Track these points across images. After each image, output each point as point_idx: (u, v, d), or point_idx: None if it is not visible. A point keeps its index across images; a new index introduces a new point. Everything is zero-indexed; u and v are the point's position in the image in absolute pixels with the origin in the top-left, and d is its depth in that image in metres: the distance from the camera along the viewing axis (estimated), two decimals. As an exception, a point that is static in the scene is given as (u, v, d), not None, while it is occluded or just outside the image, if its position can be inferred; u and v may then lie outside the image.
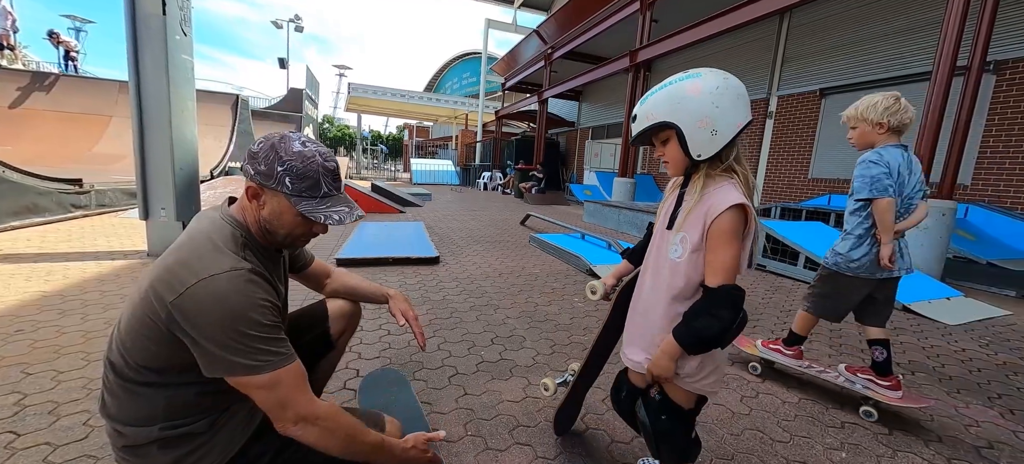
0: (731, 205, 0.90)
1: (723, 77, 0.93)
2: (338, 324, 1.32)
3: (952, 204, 4.16)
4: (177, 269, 0.80)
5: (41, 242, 3.84)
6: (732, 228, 0.91)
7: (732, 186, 0.93)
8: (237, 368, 0.80)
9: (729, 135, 0.92)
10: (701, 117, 0.91)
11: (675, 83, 0.95)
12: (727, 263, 0.91)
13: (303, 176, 0.88)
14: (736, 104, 0.92)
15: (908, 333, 2.82)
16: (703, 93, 0.91)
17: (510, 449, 1.42)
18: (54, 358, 1.82)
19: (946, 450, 1.57)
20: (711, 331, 0.91)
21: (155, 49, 3.42)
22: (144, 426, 0.84)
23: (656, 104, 0.96)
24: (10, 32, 10.75)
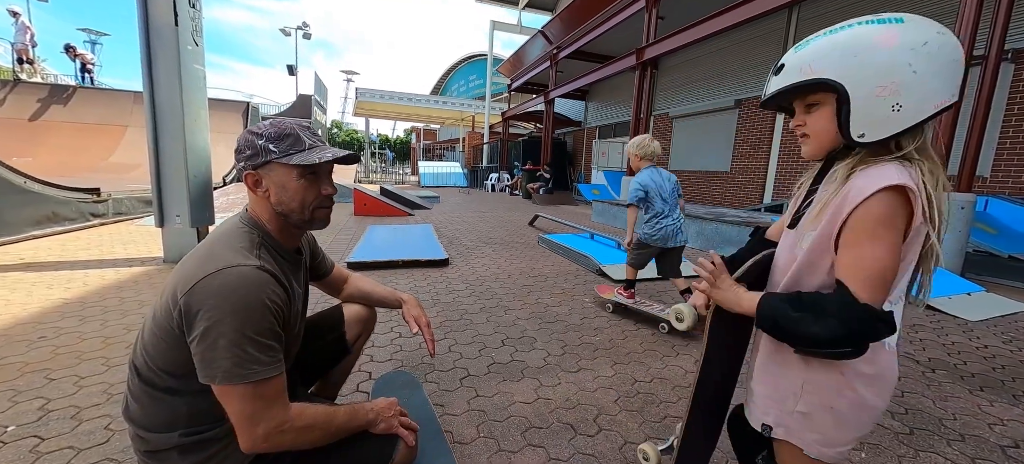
0: (884, 186, 0.63)
1: (936, 31, 0.63)
2: (354, 329, 1.34)
3: (971, 197, 4.06)
4: (192, 267, 0.82)
5: (61, 250, 3.94)
6: (881, 216, 0.64)
7: (895, 166, 0.65)
8: (218, 374, 0.78)
9: (919, 116, 0.64)
10: (886, 80, 0.63)
11: (861, 25, 0.66)
12: (867, 264, 0.64)
13: (281, 135, 0.90)
14: (946, 71, 0.63)
15: (928, 329, 2.75)
16: (898, 47, 0.62)
17: (523, 450, 1.42)
18: (76, 364, 1.87)
19: (969, 449, 1.53)
20: (798, 327, 0.66)
21: (168, 60, 3.49)
22: (165, 432, 0.85)
23: (821, 52, 0.67)
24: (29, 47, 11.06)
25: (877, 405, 0.72)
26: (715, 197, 10.36)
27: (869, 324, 0.63)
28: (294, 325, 0.97)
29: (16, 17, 10.89)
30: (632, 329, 2.56)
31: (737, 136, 9.74)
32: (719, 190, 10.28)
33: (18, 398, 1.59)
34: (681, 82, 11.43)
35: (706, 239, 5.44)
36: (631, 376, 1.96)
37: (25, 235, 4.21)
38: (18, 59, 10.92)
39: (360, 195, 7.70)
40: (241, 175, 0.92)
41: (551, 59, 13.05)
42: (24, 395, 1.61)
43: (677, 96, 11.62)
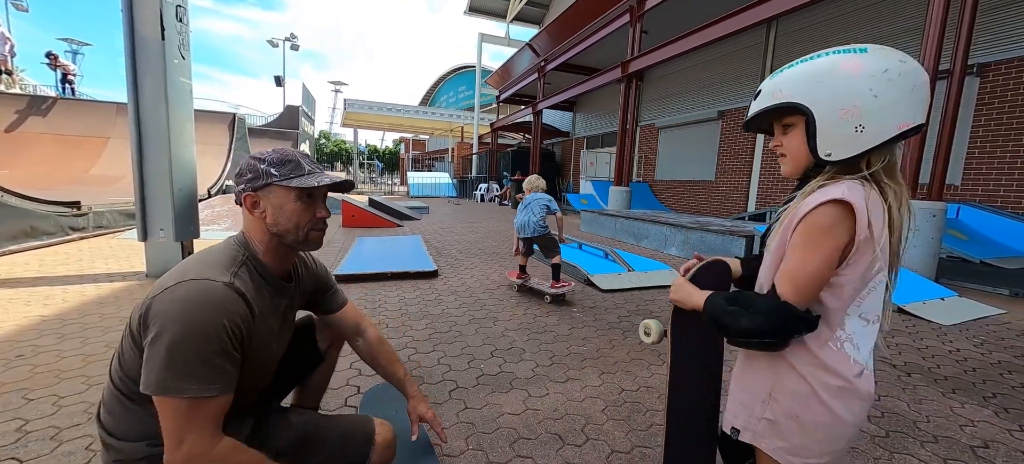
0: (828, 200, 0.68)
1: (899, 59, 0.68)
2: (326, 337, 1.32)
3: (942, 205, 4.22)
4: (167, 278, 0.85)
5: (40, 266, 3.84)
6: (819, 226, 0.69)
7: (848, 184, 0.70)
8: (158, 385, 0.77)
9: (881, 137, 0.68)
10: (847, 105, 0.68)
11: (829, 55, 0.72)
12: (796, 272, 0.70)
13: (284, 161, 0.95)
14: (907, 97, 0.67)
15: (903, 334, 2.85)
16: (863, 73, 0.67)
17: (511, 462, 1.43)
18: (55, 383, 1.83)
19: (942, 450, 1.59)
20: (730, 320, 0.73)
21: (154, 73, 3.47)
22: (134, 441, 0.86)
23: (791, 80, 0.73)
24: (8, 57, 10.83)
25: (847, 419, 0.73)
26: (700, 206, 10.55)
27: (785, 320, 0.69)
28: (262, 353, 0.95)
29: (-6, 27, 10.67)
30: (619, 338, 2.59)
31: (721, 146, 9.98)
32: (704, 199, 10.48)
33: (-6, 420, 1.55)
34: (666, 94, 11.70)
35: (691, 247, 5.53)
36: (618, 385, 1.99)
37: (0, 250, 4.09)
38: (-4, 70, 10.68)
39: (349, 206, 7.66)
40: (239, 198, 0.95)
41: (539, 71, 13.24)
42: (1, 416, 1.57)
43: (662, 107, 11.87)
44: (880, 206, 0.70)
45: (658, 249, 6.14)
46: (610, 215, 7.63)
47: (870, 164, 0.71)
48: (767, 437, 0.79)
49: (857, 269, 0.69)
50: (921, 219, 4.17)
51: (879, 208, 0.69)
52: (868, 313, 0.73)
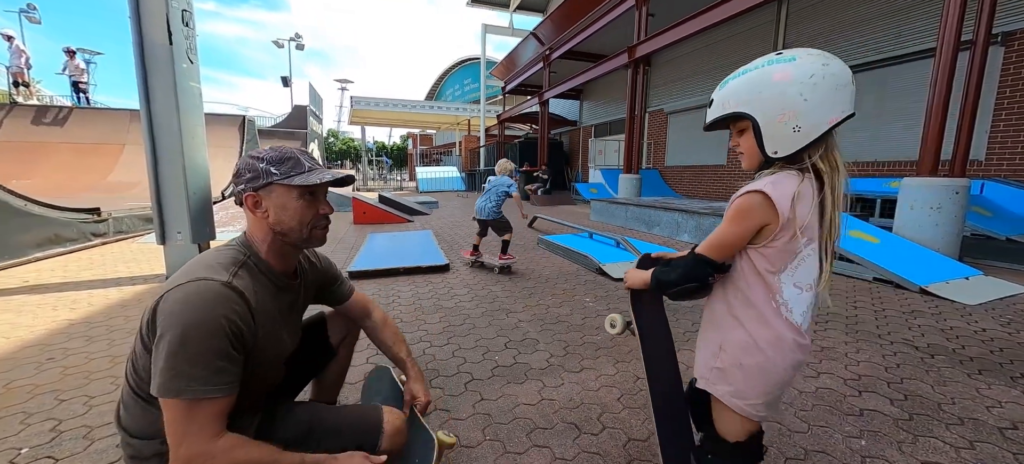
0: (754, 190, 0.83)
1: (822, 63, 0.79)
2: (338, 331, 1.33)
3: (965, 181, 4.08)
4: (172, 280, 0.86)
5: (65, 271, 3.96)
6: (740, 207, 0.85)
7: (787, 178, 0.83)
8: (161, 387, 0.78)
9: (815, 133, 0.80)
10: (784, 110, 0.80)
11: (762, 67, 0.84)
12: (715, 238, 0.88)
13: (283, 159, 0.95)
14: (832, 96, 0.79)
15: (926, 316, 2.78)
16: (792, 80, 0.79)
17: (528, 451, 1.44)
18: (85, 383, 1.89)
19: (968, 432, 1.55)
20: (667, 277, 0.94)
21: (164, 78, 3.51)
22: (149, 438, 0.88)
23: (735, 90, 0.87)
24: (24, 69, 11.09)
25: (778, 364, 0.87)
26: (712, 191, 10.40)
27: (697, 267, 0.90)
28: (268, 350, 0.95)
29: (10, 41, 10.92)
30: (633, 327, 2.58)
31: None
32: (716, 184, 10.32)
33: (30, 420, 1.61)
34: (674, 78, 11.49)
35: (704, 233, 5.46)
36: (633, 373, 1.99)
37: (28, 258, 4.23)
38: (14, 82, 10.94)
39: (359, 204, 7.73)
40: (240, 198, 0.95)
41: (544, 60, 13.10)
42: (35, 417, 1.64)
43: (671, 92, 11.67)
44: (812, 192, 0.83)
45: (670, 236, 6.08)
46: (620, 203, 7.57)
47: (805, 156, 0.83)
48: (718, 383, 0.93)
49: (781, 242, 0.84)
50: (943, 197, 4.04)
51: (810, 193, 0.83)
52: (801, 282, 0.86)
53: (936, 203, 4.07)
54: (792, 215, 0.81)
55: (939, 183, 4.08)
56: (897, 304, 3.02)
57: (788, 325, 0.85)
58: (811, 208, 0.83)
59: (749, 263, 0.88)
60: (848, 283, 3.59)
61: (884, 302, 3.07)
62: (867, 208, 6.16)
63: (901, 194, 4.38)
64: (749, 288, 0.88)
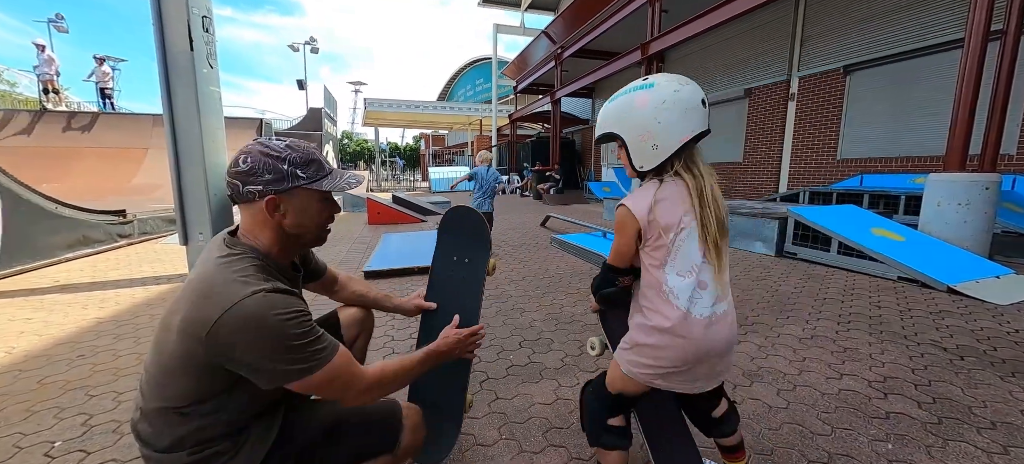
0: (619, 204, 1.01)
1: (674, 89, 0.94)
2: (351, 330, 1.36)
3: (995, 176, 3.93)
4: (202, 306, 0.80)
5: (93, 271, 4.11)
6: (616, 222, 1.03)
7: (647, 189, 0.99)
8: (293, 375, 0.83)
9: (671, 149, 0.95)
10: (643, 131, 0.96)
11: (628, 93, 0.99)
12: (612, 248, 1.06)
13: (307, 162, 0.91)
14: (683, 117, 0.94)
15: (954, 316, 2.69)
16: (648, 106, 0.95)
17: (545, 451, 1.44)
18: (113, 380, 1.96)
19: (1002, 437, 1.49)
20: (593, 286, 1.14)
21: (185, 84, 3.61)
22: (174, 452, 0.87)
23: (608, 113, 1.03)
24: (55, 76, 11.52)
25: (660, 344, 0.98)
26: (728, 189, 10.22)
27: (604, 273, 1.09)
28: None
29: (42, 49, 11.36)
30: (648, 326, 2.56)
31: (748, 125, 9.60)
32: (732, 181, 10.13)
33: (62, 415, 1.68)
34: (688, 74, 11.11)
35: (720, 232, 5.37)
36: (649, 374, 1.96)
37: (59, 258, 4.40)
38: (44, 89, 11.39)
39: (374, 204, 7.82)
40: (252, 196, 0.88)
41: (556, 59, 13.06)
42: (67, 411, 1.70)
43: (685, 89, 11.50)
44: (674, 192, 0.97)
45: (684, 235, 5.99)
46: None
47: (673, 166, 0.99)
48: (622, 349, 1.08)
49: (652, 241, 0.97)
50: (972, 192, 3.89)
51: (671, 194, 0.97)
52: (681, 269, 0.96)
53: (965, 199, 3.93)
54: (653, 218, 0.96)
55: (968, 178, 3.94)
56: (924, 304, 2.92)
57: (674, 309, 0.96)
58: (673, 207, 0.96)
59: (643, 262, 1.02)
60: (871, 282, 3.49)
61: (910, 302, 2.97)
62: (890, 205, 5.98)
63: (927, 190, 4.23)
64: (647, 282, 1.02)
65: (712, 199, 0.97)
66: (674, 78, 0.96)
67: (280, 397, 1.00)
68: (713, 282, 0.97)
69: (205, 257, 0.91)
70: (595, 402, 1.14)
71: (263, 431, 0.94)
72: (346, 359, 0.91)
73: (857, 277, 3.67)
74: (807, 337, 2.39)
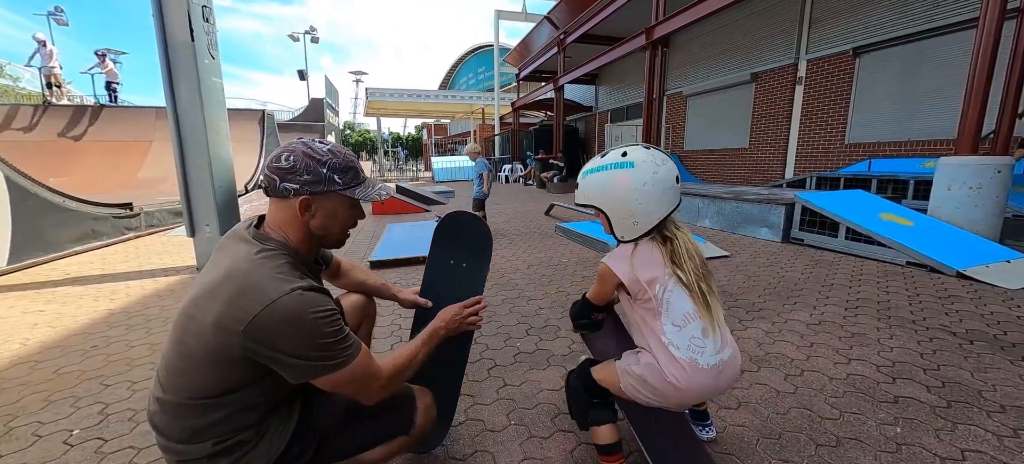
0: (603, 261, 1.11)
1: (652, 170, 1.03)
2: (354, 317, 1.37)
3: (1008, 160, 3.86)
4: (240, 301, 0.81)
5: (103, 264, 4.15)
6: (599, 274, 1.14)
7: (625, 249, 1.08)
8: (323, 370, 0.86)
9: (650, 225, 1.05)
10: (625, 210, 1.06)
11: (609, 169, 1.08)
12: (592, 290, 1.20)
13: (346, 169, 0.93)
14: (661, 199, 1.04)
15: (964, 300, 2.67)
16: (630, 188, 1.04)
17: (553, 436, 1.45)
18: (127, 370, 1.99)
19: (1012, 420, 1.49)
20: (570, 314, 1.31)
21: (188, 75, 3.60)
22: (197, 443, 0.87)
23: (591, 185, 1.12)
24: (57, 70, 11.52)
25: (668, 393, 1.01)
26: (733, 176, 10.13)
27: (582, 308, 1.26)
28: None
29: (43, 45, 11.33)
30: (655, 313, 2.56)
31: (755, 111, 9.47)
32: (737, 168, 10.04)
33: (79, 404, 1.71)
34: (694, 59, 11.15)
35: (726, 219, 5.34)
36: (656, 360, 1.97)
37: (68, 252, 4.45)
38: (47, 84, 11.39)
39: (377, 194, 7.83)
40: (288, 193, 0.90)
41: (558, 45, 12.88)
42: (83, 401, 1.73)
43: (690, 74, 11.34)
44: (653, 249, 1.06)
45: (690, 222, 5.96)
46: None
47: (663, 228, 1.08)
48: (629, 361, 1.10)
49: (642, 297, 1.04)
50: (984, 176, 3.84)
51: (649, 251, 1.06)
52: (676, 319, 1.01)
53: (976, 182, 3.87)
54: (635, 275, 1.03)
55: (979, 162, 3.87)
56: (932, 289, 2.90)
57: (680, 368, 0.99)
58: (653, 261, 1.04)
59: (640, 317, 1.07)
60: (880, 268, 3.47)
61: (918, 287, 2.95)
62: (899, 190, 5.91)
63: (938, 174, 4.17)
64: (647, 330, 1.06)
65: (687, 255, 1.03)
66: (652, 158, 1.05)
67: (300, 387, 1.02)
68: (712, 329, 1.00)
69: (234, 251, 0.90)
70: (580, 386, 1.19)
71: (284, 419, 0.96)
72: (367, 357, 0.93)
73: (865, 262, 3.64)
74: (814, 322, 2.38)
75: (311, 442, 0.97)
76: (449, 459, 1.36)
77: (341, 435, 1.01)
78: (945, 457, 1.32)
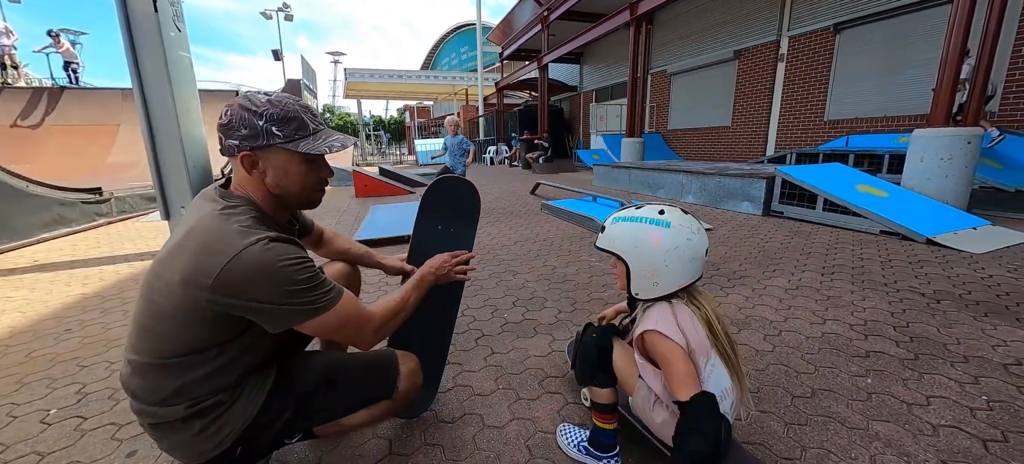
0: (647, 329, 0.99)
1: (687, 237, 0.99)
2: (337, 281, 1.34)
3: (977, 131, 4.00)
4: (206, 255, 0.79)
5: (73, 250, 4.00)
6: (657, 349, 0.98)
7: (663, 312, 1.00)
8: (304, 315, 0.85)
9: (668, 291, 1.02)
10: (649, 268, 1.01)
11: (644, 223, 1.02)
12: (679, 374, 0.93)
13: (286, 119, 0.87)
14: (687, 267, 0.99)
15: (932, 264, 2.78)
16: (660, 249, 0.99)
17: (541, 398, 1.48)
18: (105, 351, 1.93)
19: (973, 369, 1.57)
20: (702, 450, 0.84)
21: (153, 50, 3.42)
22: (171, 405, 0.86)
23: (621, 235, 1.06)
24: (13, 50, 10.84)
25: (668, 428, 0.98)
26: (717, 154, 10.25)
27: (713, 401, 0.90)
28: None
29: (-6, 21, 10.61)
30: (640, 283, 2.60)
31: (737, 88, 9.54)
32: (720, 146, 10.16)
33: (55, 385, 1.66)
34: (678, 36, 11.11)
35: (709, 194, 5.42)
36: (641, 326, 2.01)
37: (35, 238, 4.26)
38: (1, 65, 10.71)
39: (360, 176, 7.68)
40: (231, 151, 0.87)
41: (542, 22, 12.68)
42: (60, 382, 1.68)
43: (674, 51, 11.32)
44: (694, 321, 0.99)
45: (675, 197, 6.04)
46: (623, 168, 7.49)
47: (692, 296, 1.04)
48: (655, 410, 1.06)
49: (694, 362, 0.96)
50: (954, 147, 3.97)
51: (692, 322, 0.99)
52: (716, 392, 0.93)
53: (947, 154, 4.00)
54: (688, 342, 0.97)
55: (951, 133, 4.00)
56: (903, 255, 3.02)
57: None
58: (698, 332, 0.98)
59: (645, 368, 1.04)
60: (855, 237, 3.58)
61: (891, 253, 3.07)
62: (875, 164, 6.08)
63: (911, 146, 4.30)
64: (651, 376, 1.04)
65: (722, 332, 1.00)
66: (688, 224, 1.01)
67: (276, 347, 1.00)
68: (742, 404, 1.03)
69: (199, 210, 0.89)
70: (594, 350, 1.13)
71: (259, 382, 0.95)
72: (353, 301, 0.92)
73: (841, 232, 3.76)
74: (792, 288, 2.46)
75: (288, 404, 0.96)
76: (438, 422, 1.37)
77: (321, 398, 1.00)
78: (912, 403, 1.39)
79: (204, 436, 0.89)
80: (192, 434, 0.88)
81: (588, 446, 1.17)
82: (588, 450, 1.17)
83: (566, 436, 1.25)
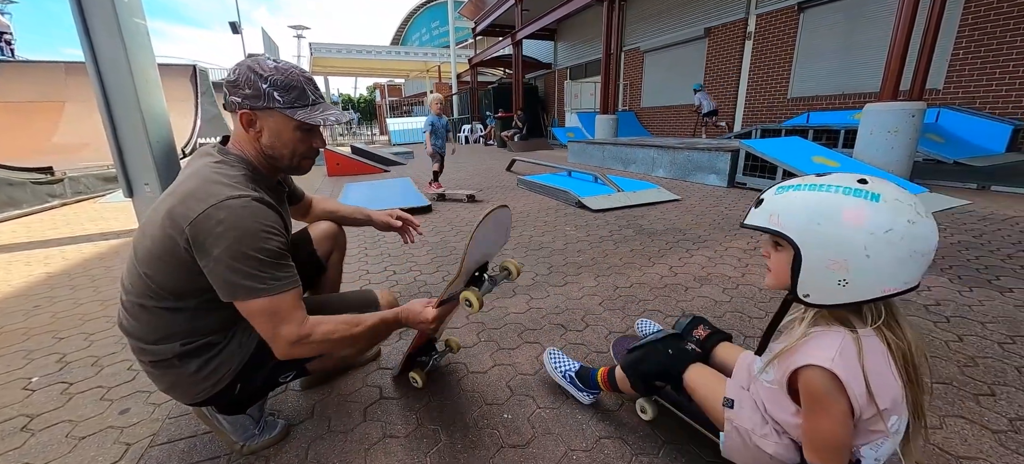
0: (813, 364, 0.68)
1: (908, 218, 0.62)
2: (323, 245, 1.38)
3: (921, 105, 4.31)
4: (189, 200, 0.84)
5: (28, 232, 3.79)
6: (816, 393, 0.69)
7: (834, 338, 0.69)
8: (240, 291, 0.85)
9: (863, 297, 0.66)
10: (837, 257, 0.65)
11: (834, 192, 0.67)
12: (821, 437, 0.70)
13: (289, 86, 0.92)
14: (903, 264, 0.63)
15: (874, 225, 3.05)
16: (860, 227, 0.63)
17: (520, 347, 1.59)
18: (81, 324, 1.91)
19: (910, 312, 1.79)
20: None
21: (105, 16, 3.21)
22: (165, 343, 0.92)
23: (791, 207, 0.70)
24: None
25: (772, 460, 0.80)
26: (687, 131, 10.55)
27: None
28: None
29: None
30: (612, 248, 2.74)
31: (707, 66, 9.78)
32: (691, 123, 10.45)
33: (33, 356, 1.65)
34: (651, 13, 11.21)
35: (679, 167, 5.64)
36: (613, 284, 2.15)
37: (-18, 221, 4.01)
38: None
39: (332, 155, 7.51)
40: (232, 107, 0.93)
41: (517, -3, 12.45)
42: (37, 353, 1.67)
43: (647, 29, 11.43)
44: (888, 362, 0.68)
45: (646, 172, 6.23)
46: (597, 144, 7.63)
47: (861, 313, 0.70)
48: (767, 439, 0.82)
49: (863, 423, 0.70)
50: (900, 120, 4.28)
51: (884, 365, 0.68)
52: (882, 455, 0.72)
53: (893, 126, 4.31)
54: (871, 399, 0.67)
55: (898, 107, 4.30)
56: (850, 218, 3.29)
57: None
58: (890, 380, 0.68)
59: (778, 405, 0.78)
60: (809, 204, 3.85)
61: (839, 217, 3.33)
62: (832, 139, 6.45)
63: (863, 120, 4.60)
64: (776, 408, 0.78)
65: (926, 370, 0.72)
66: (909, 200, 0.64)
67: None
68: None
69: (196, 161, 0.94)
70: (662, 363, 0.99)
71: (248, 336, 0.99)
72: (294, 299, 0.90)
73: (797, 200, 4.02)
74: (751, 249, 2.66)
75: None
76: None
77: None
78: (845, 338, 1.59)
79: (201, 375, 0.95)
80: (189, 373, 0.95)
81: (573, 377, 1.27)
82: (573, 380, 1.27)
83: (554, 360, 1.34)
